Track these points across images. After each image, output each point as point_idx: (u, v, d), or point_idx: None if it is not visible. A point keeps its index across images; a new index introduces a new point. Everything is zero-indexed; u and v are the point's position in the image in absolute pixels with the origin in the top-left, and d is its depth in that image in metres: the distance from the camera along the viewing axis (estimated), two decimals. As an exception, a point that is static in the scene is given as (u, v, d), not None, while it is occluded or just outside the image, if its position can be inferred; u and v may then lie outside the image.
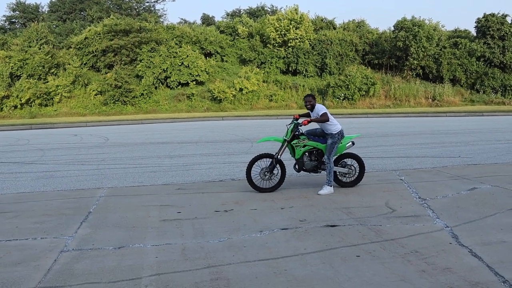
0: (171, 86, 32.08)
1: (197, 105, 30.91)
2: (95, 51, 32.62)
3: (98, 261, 4.30)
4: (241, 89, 30.75)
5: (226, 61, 35.50)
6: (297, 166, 7.12)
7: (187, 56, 31.75)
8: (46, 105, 29.81)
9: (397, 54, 33.07)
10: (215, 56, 35.21)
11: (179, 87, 32.14)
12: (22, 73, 30.56)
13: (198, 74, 31.78)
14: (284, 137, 7.04)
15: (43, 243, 4.85)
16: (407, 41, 31.52)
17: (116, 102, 30.07)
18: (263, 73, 32.83)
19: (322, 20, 39.30)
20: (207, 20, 48.57)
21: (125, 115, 29.00)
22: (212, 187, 7.51)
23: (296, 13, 33.72)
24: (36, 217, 5.83)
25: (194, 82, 32.07)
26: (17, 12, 46.51)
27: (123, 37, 32.08)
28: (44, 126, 23.27)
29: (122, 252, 4.53)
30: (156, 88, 31.75)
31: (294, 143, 6.99)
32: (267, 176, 7.02)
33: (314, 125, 7.29)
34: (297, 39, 33.03)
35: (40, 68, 30.74)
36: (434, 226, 5.15)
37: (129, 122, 24.71)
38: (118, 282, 3.82)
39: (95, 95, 30.46)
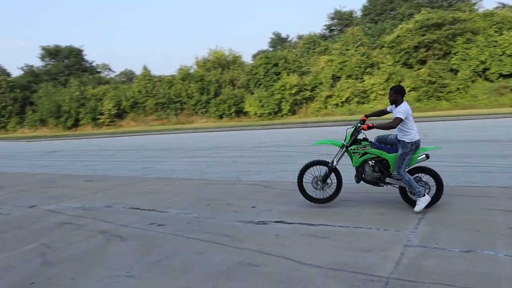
0: (490, 79, 28.97)
1: (524, 98, 26.85)
2: (407, 48, 32.73)
3: (445, 262, 4.15)
4: None
5: None
6: (356, 176, 6.11)
7: (510, 44, 27.93)
8: (362, 103, 31.92)
9: None
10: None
11: (500, 79, 28.66)
12: (342, 74, 33.69)
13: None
14: (343, 142, 5.93)
15: (386, 235, 5.04)
16: None
17: (430, 98, 29.36)
18: None
19: None
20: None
21: (439, 111, 27.93)
22: None
23: None
24: (374, 208, 6.15)
25: (519, 73, 28.03)
26: (335, 20, 51.48)
27: (435, 31, 31.15)
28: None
29: (471, 257, 4.23)
30: (473, 81, 29.32)
31: (351, 149, 5.84)
32: (319, 186, 6.23)
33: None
34: None
35: (357, 68, 33.18)
36: None
37: (444, 118, 23.63)
38: (474, 289, 3.57)
39: (409, 91, 30.53)
